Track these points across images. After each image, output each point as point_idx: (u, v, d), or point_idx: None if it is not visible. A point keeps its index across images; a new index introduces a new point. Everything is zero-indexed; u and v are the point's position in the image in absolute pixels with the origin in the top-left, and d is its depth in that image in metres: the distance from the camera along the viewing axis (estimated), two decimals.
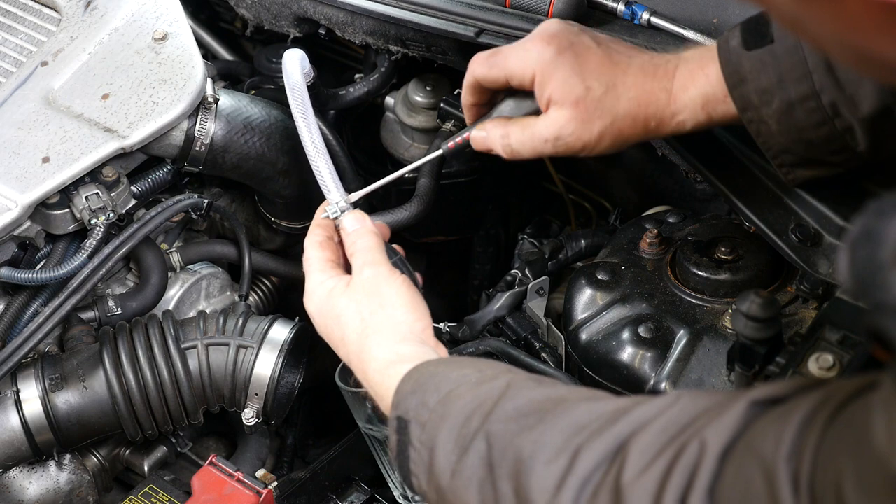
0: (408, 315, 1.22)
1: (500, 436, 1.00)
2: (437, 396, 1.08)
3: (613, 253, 1.56)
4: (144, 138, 1.55)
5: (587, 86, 1.26)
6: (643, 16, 1.49)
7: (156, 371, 1.50)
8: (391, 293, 1.23)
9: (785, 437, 0.79)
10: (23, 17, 1.71)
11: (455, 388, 1.08)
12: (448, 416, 1.05)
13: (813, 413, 0.79)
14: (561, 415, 0.98)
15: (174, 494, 1.48)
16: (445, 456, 1.04)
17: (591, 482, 0.92)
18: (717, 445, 0.85)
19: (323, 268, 1.28)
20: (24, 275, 1.48)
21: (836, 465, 0.75)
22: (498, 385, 1.06)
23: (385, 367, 1.17)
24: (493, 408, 1.03)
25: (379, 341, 1.20)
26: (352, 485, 1.60)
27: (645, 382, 1.41)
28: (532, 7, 1.52)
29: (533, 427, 0.98)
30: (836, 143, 1.23)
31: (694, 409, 0.91)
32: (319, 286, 1.27)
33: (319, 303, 1.26)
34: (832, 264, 1.30)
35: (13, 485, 1.53)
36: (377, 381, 1.18)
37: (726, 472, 0.84)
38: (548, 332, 1.63)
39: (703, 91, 1.26)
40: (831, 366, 1.12)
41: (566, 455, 0.94)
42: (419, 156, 1.81)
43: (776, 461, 0.78)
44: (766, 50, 1.21)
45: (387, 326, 1.21)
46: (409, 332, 1.20)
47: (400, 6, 1.61)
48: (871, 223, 0.70)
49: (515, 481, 0.97)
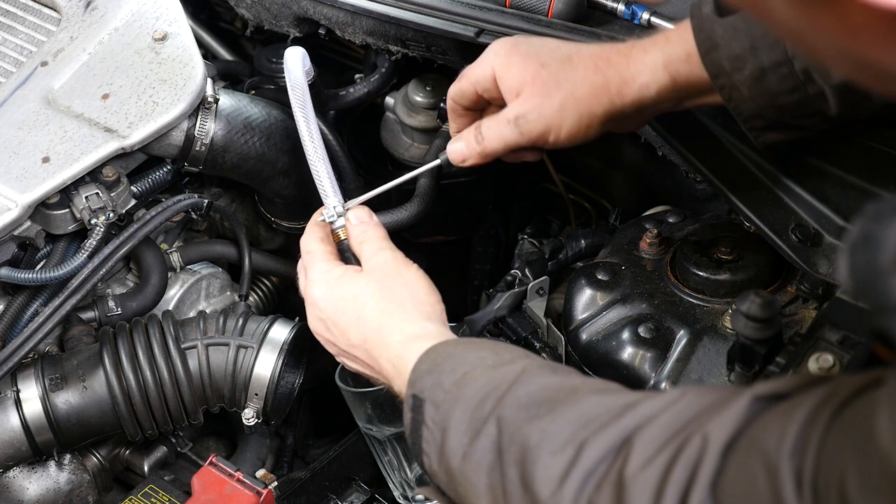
0: (430, 296, 1.24)
1: (510, 421, 1.01)
2: (453, 378, 1.08)
3: (613, 253, 1.56)
4: (144, 138, 1.55)
5: (542, 62, 1.29)
6: (643, 16, 1.49)
7: (156, 371, 1.50)
8: (411, 275, 1.25)
9: (788, 434, 0.79)
10: (23, 17, 1.71)
11: (471, 371, 1.08)
12: (462, 397, 1.06)
13: (816, 410, 0.79)
14: (571, 405, 0.99)
15: (174, 494, 1.48)
16: (458, 437, 1.04)
17: (595, 474, 0.92)
18: (720, 440, 0.85)
19: (327, 258, 1.29)
20: (24, 275, 1.48)
21: (840, 463, 0.75)
22: (513, 369, 1.06)
23: (409, 339, 1.18)
24: (506, 392, 1.03)
25: (404, 316, 1.21)
26: (352, 485, 1.60)
27: (645, 382, 1.41)
28: (532, 7, 1.52)
29: (542, 416, 0.99)
30: (808, 108, 1.24)
31: (699, 405, 0.91)
32: (326, 273, 1.27)
33: (327, 289, 1.26)
34: (832, 264, 1.30)
35: (13, 485, 1.53)
36: (397, 353, 1.18)
37: (729, 466, 0.84)
38: (548, 332, 1.63)
39: (664, 51, 1.27)
40: (831, 366, 1.12)
41: (572, 446, 0.95)
42: (419, 156, 1.82)
43: (779, 457, 0.78)
44: (738, 16, 1.20)
45: (412, 303, 1.22)
46: (433, 311, 1.22)
47: (400, 6, 1.61)
48: (870, 227, 0.70)
49: (521, 468, 0.98)
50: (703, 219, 1.59)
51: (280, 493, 1.49)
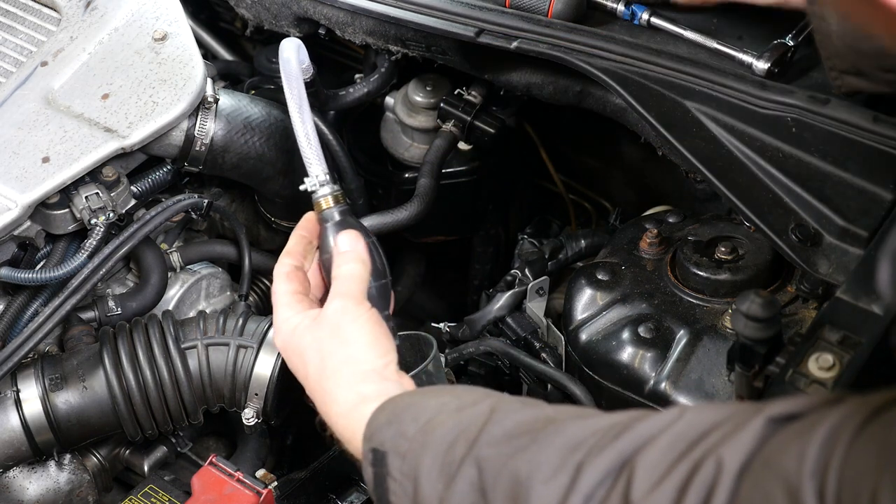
0: (369, 352, 1.19)
1: (491, 460, 0.99)
2: (416, 426, 1.06)
3: (613, 253, 1.56)
4: (144, 138, 1.55)
5: None
6: (643, 16, 1.49)
7: (156, 371, 1.50)
8: (353, 329, 1.20)
9: (808, 454, 0.78)
10: (23, 17, 1.71)
11: (435, 416, 1.06)
12: (430, 444, 1.04)
13: (837, 429, 0.79)
14: (553, 434, 0.98)
15: (174, 494, 1.48)
16: (431, 485, 1.02)
17: (594, 498, 0.91)
18: (735, 463, 0.84)
19: (289, 302, 1.26)
20: (24, 275, 1.48)
21: (869, 479, 0.74)
22: (481, 410, 1.04)
23: (349, 409, 1.15)
24: (480, 433, 1.01)
25: (339, 382, 1.18)
26: (352, 485, 1.59)
27: (645, 382, 1.41)
28: (532, 7, 1.52)
29: (526, 448, 0.97)
30: (887, 61, 1.23)
31: (701, 424, 0.90)
32: (285, 323, 1.25)
33: (285, 339, 1.25)
34: (832, 264, 1.30)
35: (13, 485, 1.53)
36: (342, 423, 1.16)
37: (743, 489, 0.83)
38: (548, 332, 1.63)
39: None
40: (831, 366, 1.12)
41: (566, 472, 0.93)
42: (419, 156, 1.81)
43: (800, 478, 0.78)
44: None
45: (347, 366, 1.19)
46: (371, 370, 1.18)
47: (400, 6, 1.61)
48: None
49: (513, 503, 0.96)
50: (703, 219, 1.58)
51: (280, 493, 1.49)
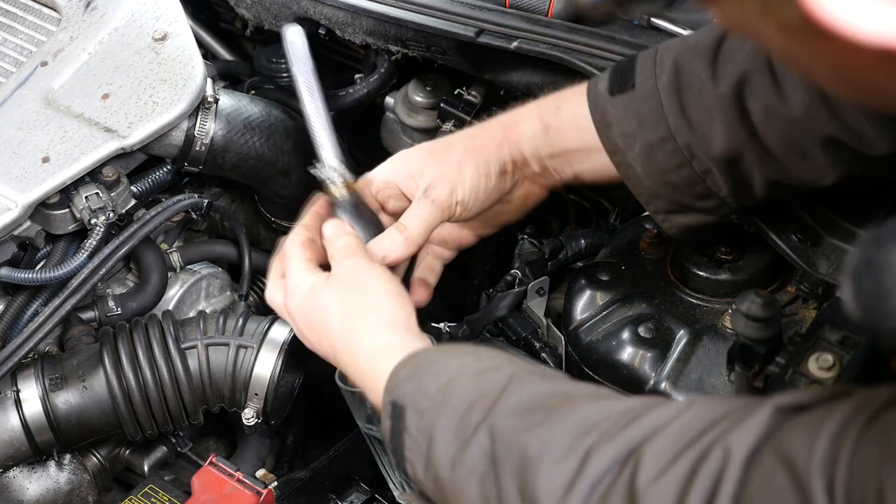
0: (391, 302, 1.21)
1: (504, 431, 1.00)
2: (436, 385, 1.07)
3: (613, 253, 1.56)
4: (144, 138, 1.55)
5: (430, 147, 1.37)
6: (643, 16, 1.49)
7: (156, 371, 1.50)
8: (372, 281, 1.23)
9: (818, 446, 0.78)
10: (23, 17, 1.71)
11: (455, 378, 1.07)
12: (448, 405, 1.05)
13: (846, 422, 0.78)
14: (568, 413, 0.98)
15: (174, 494, 1.48)
16: (445, 446, 1.03)
17: (601, 485, 0.91)
18: (742, 452, 0.84)
19: (303, 266, 1.28)
20: (24, 275, 1.48)
21: (877, 476, 0.74)
22: (500, 377, 1.05)
23: (374, 356, 1.17)
24: (496, 401, 1.02)
25: (366, 329, 1.20)
26: (352, 485, 1.59)
27: (645, 382, 1.41)
28: (532, 7, 1.53)
29: (539, 424, 0.98)
30: (700, 188, 1.28)
31: (710, 415, 0.90)
32: (300, 285, 1.26)
33: (300, 301, 1.25)
34: (832, 264, 1.30)
35: (13, 485, 1.53)
36: (366, 369, 1.18)
37: (752, 478, 0.83)
38: (548, 332, 1.63)
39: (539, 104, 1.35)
40: (831, 365, 1.12)
41: (576, 456, 0.94)
42: None
43: (809, 469, 0.78)
44: (627, 95, 1.27)
45: (371, 313, 1.21)
46: (395, 320, 1.20)
47: (400, 6, 1.61)
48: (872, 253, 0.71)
49: (520, 479, 0.97)
50: None
51: (280, 493, 1.49)
